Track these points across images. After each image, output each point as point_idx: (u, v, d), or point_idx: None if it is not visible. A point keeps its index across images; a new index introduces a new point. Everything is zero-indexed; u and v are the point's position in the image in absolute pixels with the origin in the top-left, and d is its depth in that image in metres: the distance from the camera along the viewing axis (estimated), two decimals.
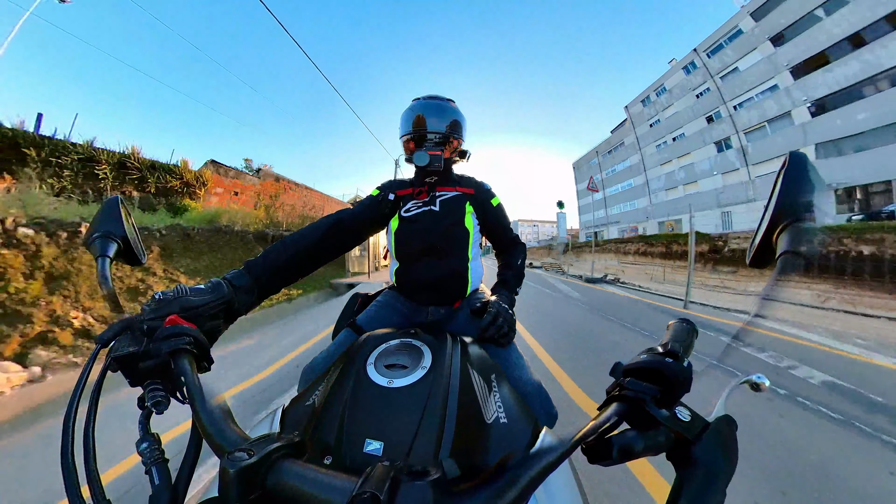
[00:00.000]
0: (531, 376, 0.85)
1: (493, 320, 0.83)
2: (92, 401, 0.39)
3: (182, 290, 0.53)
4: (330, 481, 0.27)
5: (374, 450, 0.44)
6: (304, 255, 0.83)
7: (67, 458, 0.33)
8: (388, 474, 0.26)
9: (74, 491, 0.32)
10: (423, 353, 0.61)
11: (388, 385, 0.53)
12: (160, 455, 0.37)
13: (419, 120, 1.03)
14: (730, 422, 0.33)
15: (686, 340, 0.41)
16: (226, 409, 0.38)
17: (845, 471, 1.75)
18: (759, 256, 0.41)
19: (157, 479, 0.35)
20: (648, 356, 0.37)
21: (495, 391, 0.62)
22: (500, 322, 0.83)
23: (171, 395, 0.42)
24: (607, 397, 0.37)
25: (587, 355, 3.65)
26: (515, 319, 0.88)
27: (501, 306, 0.85)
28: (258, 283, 0.71)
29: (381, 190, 1.07)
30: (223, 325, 0.61)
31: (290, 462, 0.29)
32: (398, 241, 1.03)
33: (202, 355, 0.46)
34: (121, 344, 0.41)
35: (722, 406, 0.35)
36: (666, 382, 0.34)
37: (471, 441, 0.49)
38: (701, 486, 0.29)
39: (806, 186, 0.37)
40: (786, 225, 0.37)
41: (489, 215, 1.10)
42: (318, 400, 0.57)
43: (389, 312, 1.04)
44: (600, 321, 5.42)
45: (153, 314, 0.47)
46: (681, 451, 0.31)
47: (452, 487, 0.29)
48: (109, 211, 0.57)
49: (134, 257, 0.60)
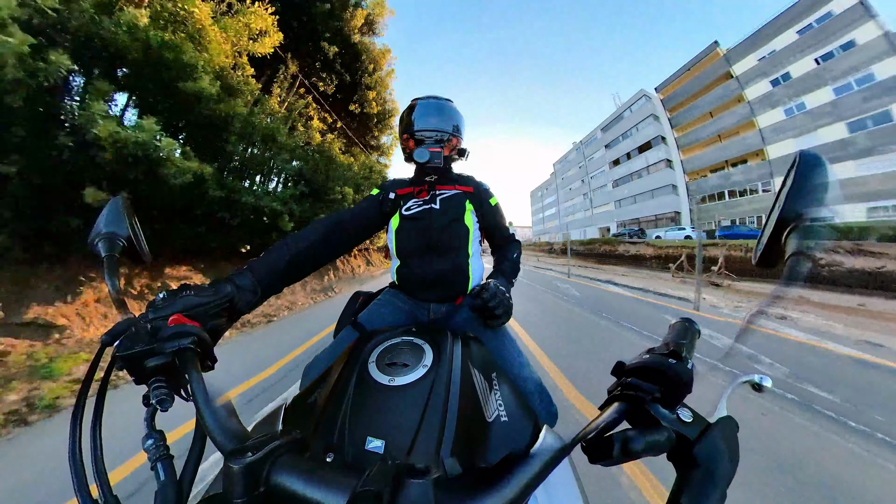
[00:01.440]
0: (532, 374, 0.85)
1: (490, 298, 0.82)
2: (98, 398, 0.39)
3: (186, 290, 0.53)
4: (332, 479, 0.28)
5: (376, 448, 0.44)
6: (306, 256, 0.84)
7: (75, 456, 0.34)
8: (390, 472, 0.26)
9: (84, 488, 0.33)
10: (424, 351, 0.62)
11: (389, 383, 0.53)
12: (165, 451, 0.37)
13: (419, 119, 1.05)
14: (731, 423, 0.33)
15: (688, 341, 0.41)
16: (229, 406, 0.38)
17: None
18: (766, 257, 0.40)
19: (163, 474, 0.35)
20: (651, 356, 0.37)
21: (496, 389, 0.62)
22: (496, 302, 0.82)
23: (176, 393, 0.42)
24: (609, 396, 0.37)
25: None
26: (512, 304, 0.87)
27: (499, 288, 0.85)
28: (260, 282, 0.71)
29: (381, 189, 1.08)
30: (226, 324, 0.61)
31: (292, 459, 0.29)
32: (399, 239, 1.04)
33: (206, 354, 0.46)
34: (126, 343, 0.41)
35: (723, 406, 0.35)
36: (668, 382, 0.34)
37: (472, 439, 0.49)
38: (701, 487, 0.29)
39: (817, 186, 0.36)
40: (795, 225, 0.36)
41: (487, 214, 1.12)
42: (320, 398, 0.57)
43: (391, 311, 1.04)
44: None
45: (157, 313, 0.47)
46: (682, 451, 0.31)
47: (454, 485, 0.29)
48: (113, 210, 0.57)
49: (138, 256, 0.60)
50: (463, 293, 1.05)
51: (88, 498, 0.32)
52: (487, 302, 0.81)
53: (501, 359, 0.87)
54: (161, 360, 0.41)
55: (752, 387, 0.38)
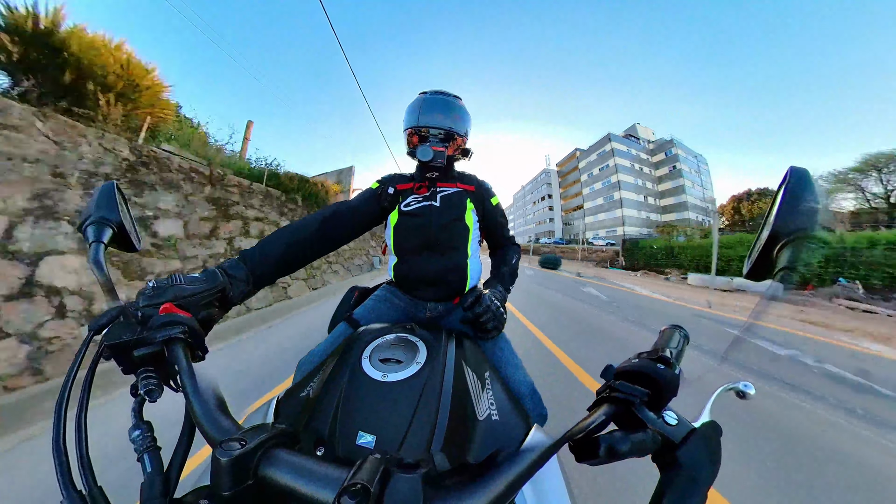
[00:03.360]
0: (525, 377, 0.85)
1: (482, 313, 0.81)
2: (84, 388, 0.39)
3: (177, 279, 0.53)
4: (321, 472, 0.28)
5: (367, 442, 0.44)
6: (300, 247, 0.83)
7: (59, 446, 0.33)
8: (379, 466, 0.26)
9: (66, 477, 0.32)
10: (418, 348, 0.62)
11: (382, 379, 0.53)
12: (152, 443, 0.37)
13: (424, 114, 1.02)
14: (715, 427, 0.34)
15: (678, 347, 0.42)
16: (219, 398, 0.38)
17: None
18: (757, 270, 0.41)
19: (150, 466, 0.35)
20: (640, 361, 0.37)
21: (489, 388, 0.63)
22: (487, 317, 0.81)
23: (165, 384, 0.42)
24: (598, 398, 0.38)
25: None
26: (506, 315, 0.87)
27: (493, 301, 0.83)
28: (253, 272, 0.71)
29: (380, 183, 1.06)
30: (218, 314, 0.60)
31: (282, 452, 0.29)
32: (397, 235, 1.02)
33: (197, 344, 0.46)
34: (114, 331, 0.41)
35: (708, 412, 0.36)
36: (655, 387, 0.34)
37: (462, 436, 0.50)
38: (683, 489, 0.29)
39: (807, 203, 0.37)
40: (787, 241, 0.37)
41: (488, 214, 1.10)
42: (313, 392, 0.57)
43: (387, 307, 1.04)
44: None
45: (147, 301, 0.47)
46: (665, 453, 0.32)
47: (443, 480, 0.29)
48: (105, 196, 0.55)
49: (129, 243, 0.59)
50: (460, 293, 1.04)
51: (72, 489, 0.32)
52: (479, 317, 0.81)
53: (495, 359, 0.87)
54: (150, 350, 0.40)
55: (735, 394, 0.39)
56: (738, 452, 1.89)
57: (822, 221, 0.36)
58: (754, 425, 2.21)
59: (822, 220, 0.36)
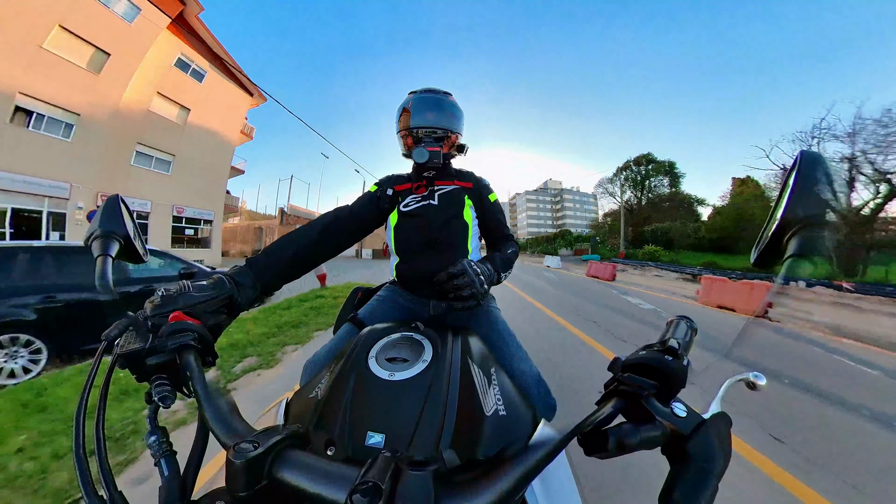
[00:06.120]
0: (531, 368, 0.85)
1: (457, 275, 0.73)
2: (101, 397, 0.40)
3: (185, 287, 0.53)
4: (333, 471, 0.28)
5: (376, 442, 0.45)
6: (304, 253, 0.84)
7: (80, 453, 0.34)
8: (390, 464, 0.26)
9: (88, 484, 0.33)
10: (423, 346, 0.62)
11: (389, 378, 0.54)
12: (168, 448, 0.38)
13: (416, 115, 1.02)
14: (725, 419, 0.33)
15: (685, 338, 0.41)
16: (231, 402, 0.38)
17: None
18: (765, 257, 0.40)
19: (167, 470, 0.36)
20: (648, 353, 0.37)
21: (495, 384, 0.63)
22: (463, 282, 0.73)
23: (178, 390, 0.43)
24: (606, 391, 0.38)
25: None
26: (487, 289, 0.78)
27: (472, 267, 0.76)
28: (260, 278, 0.72)
29: (379, 185, 1.06)
30: (226, 321, 0.61)
31: (293, 453, 0.30)
32: (398, 235, 1.03)
33: (207, 350, 0.46)
34: (127, 341, 0.42)
35: (717, 403, 0.35)
36: (664, 379, 0.34)
37: (470, 433, 0.50)
38: (693, 481, 0.29)
39: (820, 188, 0.35)
40: (798, 228, 0.35)
41: (486, 210, 1.10)
42: (321, 393, 0.58)
43: (390, 307, 1.04)
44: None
45: (157, 311, 0.47)
46: (675, 446, 0.32)
47: (452, 477, 0.29)
48: (110, 210, 0.56)
49: (136, 255, 0.60)
50: None
51: (94, 495, 0.32)
52: (454, 277, 0.73)
53: (501, 353, 0.87)
54: (162, 358, 0.41)
55: (746, 385, 0.38)
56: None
57: (834, 205, 0.34)
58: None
59: (834, 204, 0.34)
